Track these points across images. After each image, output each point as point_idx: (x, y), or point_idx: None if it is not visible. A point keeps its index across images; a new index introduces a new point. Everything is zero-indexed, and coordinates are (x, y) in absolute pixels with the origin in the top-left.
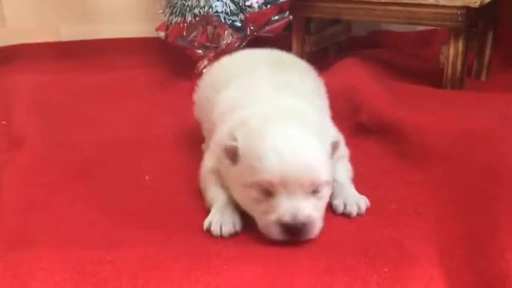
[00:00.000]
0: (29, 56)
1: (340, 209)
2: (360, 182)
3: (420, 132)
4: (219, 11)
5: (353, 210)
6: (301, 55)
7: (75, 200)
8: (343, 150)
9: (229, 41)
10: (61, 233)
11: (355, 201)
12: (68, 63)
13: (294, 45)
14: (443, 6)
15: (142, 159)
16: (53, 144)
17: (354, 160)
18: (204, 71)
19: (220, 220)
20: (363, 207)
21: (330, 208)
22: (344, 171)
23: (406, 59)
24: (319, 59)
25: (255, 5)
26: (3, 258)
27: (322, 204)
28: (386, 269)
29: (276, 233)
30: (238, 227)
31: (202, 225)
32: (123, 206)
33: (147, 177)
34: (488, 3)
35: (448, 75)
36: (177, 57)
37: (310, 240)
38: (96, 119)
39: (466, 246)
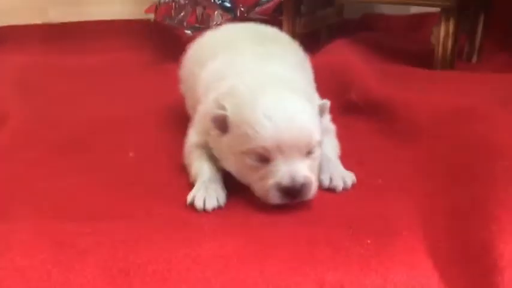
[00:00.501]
0: (16, 38)
1: (326, 183)
2: (348, 158)
3: (408, 110)
4: None
5: (339, 184)
6: (292, 37)
7: (57, 175)
8: (330, 125)
9: (218, 22)
10: (41, 207)
11: (341, 176)
12: (56, 46)
13: (285, 26)
14: None
15: (127, 137)
16: (37, 120)
17: (342, 137)
18: None
19: (204, 194)
20: (349, 183)
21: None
22: (331, 147)
23: (398, 41)
24: (311, 41)
25: None
26: None
27: (316, 165)
28: (369, 241)
29: (275, 198)
30: (221, 201)
31: (185, 200)
32: (105, 181)
33: (131, 154)
34: None
35: (439, 56)
36: (166, 39)
37: (294, 212)
38: (82, 99)
39: (450, 219)
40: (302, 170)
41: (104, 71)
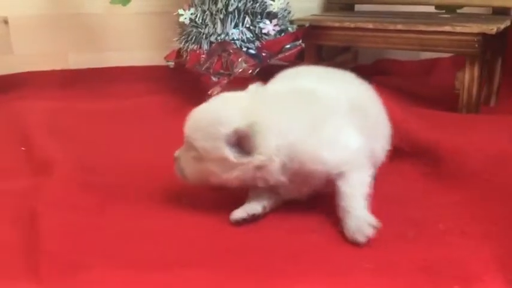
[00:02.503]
0: (37, 84)
1: (348, 237)
2: (401, 203)
3: (455, 153)
4: (235, 38)
5: (359, 237)
6: None
7: (115, 222)
8: (351, 165)
9: (241, 68)
10: (111, 255)
11: (358, 227)
12: (76, 92)
13: None
14: (460, 33)
15: (174, 182)
16: (82, 168)
17: (392, 182)
18: None
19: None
20: (369, 233)
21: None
22: (350, 191)
23: (410, 85)
24: None
25: (272, 32)
26: (56, 283)
27: (189, 162)
28: (456, 287)
29: None
30: (249, 211)
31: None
32: (166, 227)
33: (184, 200)
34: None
35: (464, 101)
36: (186, 84)
37: (365, 258)
38: (116, 144)
39: None
40: (180, 151)
41: (131, 116)
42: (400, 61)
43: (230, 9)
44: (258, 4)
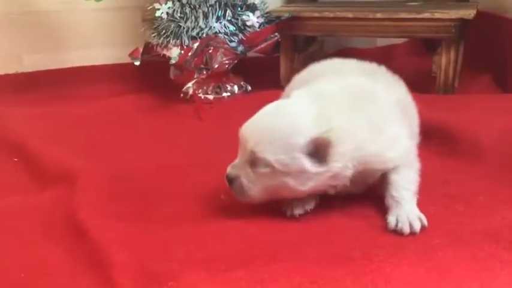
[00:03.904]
0: None
1: (392, 225)
2: (429, 180)
3: (466, 132)
4: (217, 32)
5: (405, 227)
6: (290, 73)
7: (165, 227)
8: (405, 160)
9: (219, 61)
10: (185, 260)
11: (409, 219)
12: (35, 96)
13: (282, 63)
14: (438, 19)
15: (202, 180)
16: (103, 173)
17: None
18: (197, 93)
19: (293, 203)
20: (417, 227)
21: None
22: (403, 184)
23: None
24: None
25: (256, 25)
26: None
27: (256, 179)
28: None
29: None
30: (307, 207)
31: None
32: (221, 226)
33: (222, 196)
34: None
35: (441, 82)
36: (155, 81)
37: (431, 235)
38: (116, 148)
39: None
40: (234, 168)
41: (112, 118)
42: (360, 49)
43: (211, 1)
44: None
